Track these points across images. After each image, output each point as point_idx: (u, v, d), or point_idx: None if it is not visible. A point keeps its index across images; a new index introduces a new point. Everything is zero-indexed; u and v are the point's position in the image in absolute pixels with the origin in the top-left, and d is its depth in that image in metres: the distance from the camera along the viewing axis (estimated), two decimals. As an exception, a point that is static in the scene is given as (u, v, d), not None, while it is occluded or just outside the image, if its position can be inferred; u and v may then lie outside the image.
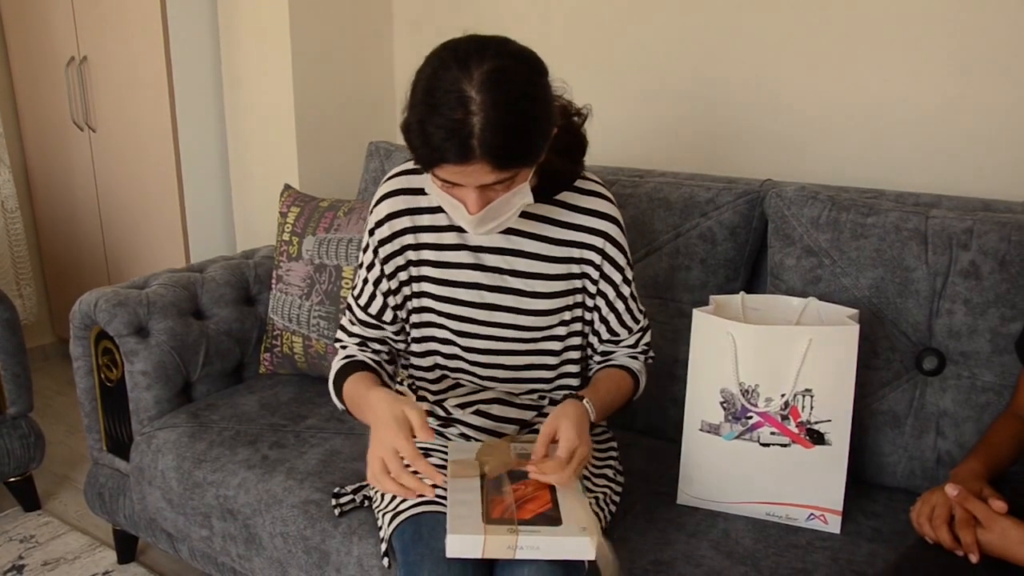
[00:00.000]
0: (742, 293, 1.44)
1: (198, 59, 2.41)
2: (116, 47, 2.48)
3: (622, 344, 1.37)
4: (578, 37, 2.10)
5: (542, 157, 1.10)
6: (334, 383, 1.28)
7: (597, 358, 1.39)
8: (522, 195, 1.11)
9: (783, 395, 1.30)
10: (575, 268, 1.28)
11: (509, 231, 1.25)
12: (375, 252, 1.29)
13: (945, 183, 1.69)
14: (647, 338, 1.39)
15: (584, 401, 1.22)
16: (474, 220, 1.10)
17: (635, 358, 1.38)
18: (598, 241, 1.28)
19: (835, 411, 1.30)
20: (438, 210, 1.26)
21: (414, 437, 1.09)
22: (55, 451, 2.46)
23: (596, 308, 1.33)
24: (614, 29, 2.05)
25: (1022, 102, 1.59)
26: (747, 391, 1.32)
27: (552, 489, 1.16)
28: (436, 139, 1.00)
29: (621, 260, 1.30)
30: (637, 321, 1.36)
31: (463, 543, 1.06)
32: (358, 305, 1.33)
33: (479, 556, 1.06)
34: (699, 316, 1.35)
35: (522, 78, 1.03)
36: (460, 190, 1.08)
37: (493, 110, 0.99)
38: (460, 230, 1.26)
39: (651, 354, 1.41)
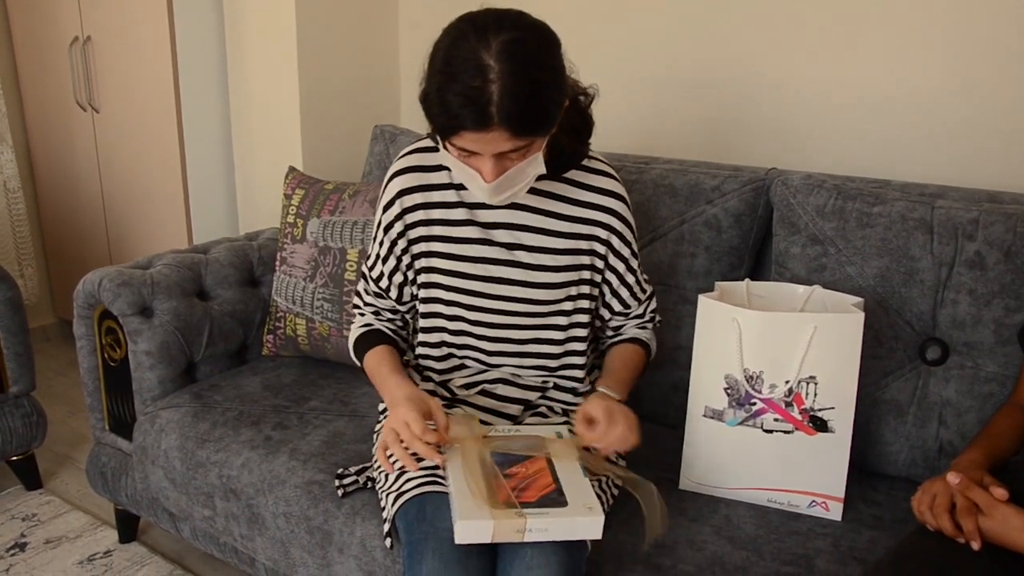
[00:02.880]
0: (747, 280, 1.44)
1: (202, 40, 2.41)
2: (120, 27, 2.47)
3: (632, 315, 1.41)
4: (584, 25, 2.09)
5: (555, 127, 1.12)
6: (354, 347, 1.39)
7: (609, 332, 1.44)
8: (536, 165, 1.13)
9: (787, 382, 1.30)
10: (583, 244, 1.30)
11: (518, 206, 1.27)
12: (385, 231, 1.32)
13: (951, 174, 1.69)
14: (653, 304, 1.44)
15: (601, 389, 1.28)
16: (490, 188, 1.11)
17: (644, 327, 1.43)
18: (607, 218, 1.29)
19: (838, 399, 1.30)
20: (448, 187, 1.28)
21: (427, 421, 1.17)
22: (56, 431, 2.47)
23: (607, 283, 1.36)
24: (620, 17, 2.04)
25: (1030, 93, 1.59)
26: (751, 377, 1.32)
27: (552, 471, 1.16)
28: (455, 106, 1.02)
29: (629, 236, 1.33)
30: (645, 292, 1.41)
31: (472, 529, 1.06)
32: (371, 277, 1.39)
33: (488, 541, 1.07)
34: (704, 302, 1.36)
35: (538, 48, 1.06)
36: (477, 159, 1.10)
37: (511, 78, 1.01)
38: (469, 206, 1.28)
39: (658, 317, 1.47)
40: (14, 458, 2.11)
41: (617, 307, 1.38)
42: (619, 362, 1.36)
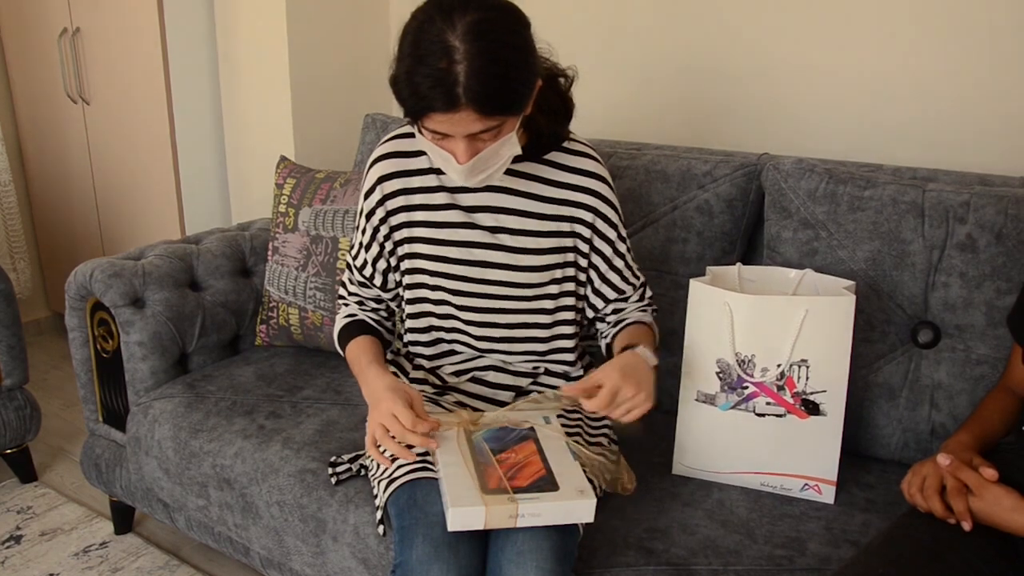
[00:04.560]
0: (739, 264, 1.44)
1: (193, 30, 2.39)
2: (109, 18, 2.45)
3: (630, 300, 1.39)
4: (575, 11, 2.08)
5: (528, 108, 1.13)
6: (338, 338, 1.39)
7: (611, 318, 1.39)
8: (510, 146, 1.13)
9: (779, 365, 1.30)
10: (565, 226, 1.30)
11: (499, 189, 1.27)
12: (367, 217, 1.33)
13: (943, 158, 1.69)
14: (649, 291, 1.42)
15: (637, 350, 1.21)
16: (464, 170, 1.12)
17: (644, 311, 1.39)
18: (590, 200, 1.29)
19: (830, 382, 1.31)
20: (428, 171, 1.29)
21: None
22: (51, 424, 2.46)
23: (594, 267, 1.34)
24: (611, 3, 2.03)
25: (1021, 78, 1.58)
26: (743, 361, 1.32)
27: (543, 455, 1.16)
28: (423, 88, 1.03)
29: (614, 217, 1.32)
30: (637, 277, 1.38)
31: (465, 515, 1.06)
32: (355, 266, 1.39)
33: (481, 527, 1.07)
34: (696, 286, 1.36)
35: (505, 28, 1.06)
36: (449, 141, 1.10)
37: (477, 59, 1.01)
38: (450, 190, 1.28)
39: (655, 307, 1.44)
40: (8, 451, 2.11)
41: (611, 294, 1.37)
42: (642, 334, 1.30)
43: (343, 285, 1.44)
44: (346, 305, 1.43)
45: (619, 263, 1.35)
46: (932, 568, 0.98)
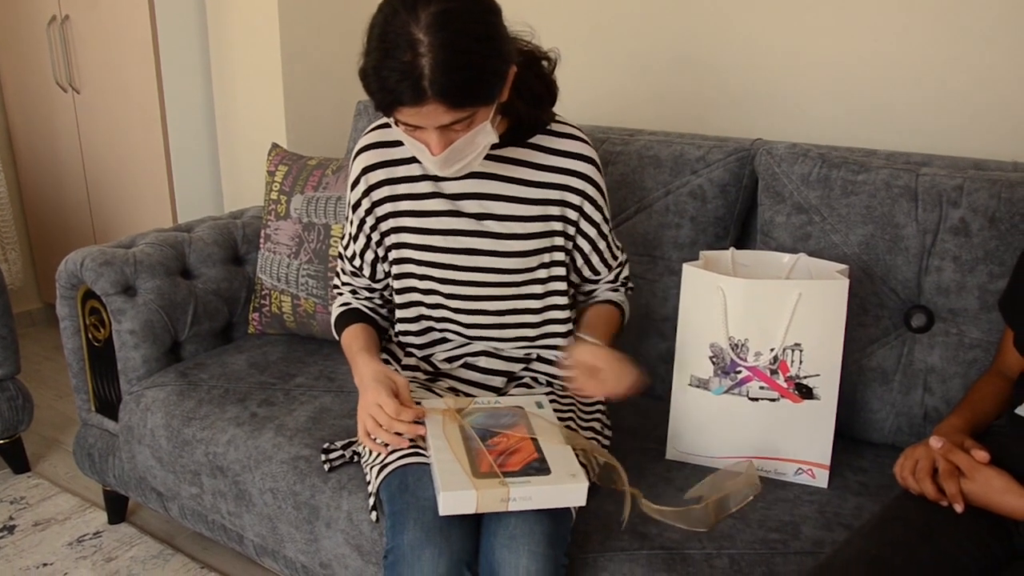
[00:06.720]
0: (732, 248, 1.44)
1: (183, 16, 2.38)
2: (99, 5, 2.43)
3: (603, 281, 1.42)
4: (569, -5, 2.07)
5: (504, 96, 1.12)
6: (334, 327, 1.40)
7: (580, 297, 1.45)
8: (485, 134, 1.12)
9: (772, 349, 1.30)
10: (553, 209, 1.29)
11: (484, 175, 1.26)
12: (354, 209, 1.33)
13: (936, 143, 1.68)
14: (625, 271, 1.45)
15: (589, 339, 1.27)
16: (438, 161, 1.11)
17: (616, 290, 1.43)
18: (578, 183, 1.28)
19: (824, 366, 1.30)
20: (412, 160, 1.28)
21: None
22: (44, 415, 2.46)
23: (578, 249, 1.35)
24: (605, -13, 2.02)
25: (1015, 63, 1.58)
26: (736, 345, 1.32)
27: (535, 440, 1.16)
28: (390, 83, 1.03)
29: (600, 200, 1.32)
30: (616, 258, 1.41)
31: (456, 499, 1.06)
32: (346, 256, 1.40)
33: (472, 511, 1.07)
34: (689, 270, 1.35)
35: (469, 18, 1.04)
36: (422, 132, 1.10)
37: (441, 51, 1.00)
38: (434, 179, 1.28)
39: (630, 285, 1.48)
40: (1, 442, 2.10)
41: (587, 273, 1.39)
42: (596, 318, 1.37)
43: (336, 275, 1.44)
44: (340, 294, 1.43)
45: (601, 245, 1.36)
46: (924, 550, 0.99)
